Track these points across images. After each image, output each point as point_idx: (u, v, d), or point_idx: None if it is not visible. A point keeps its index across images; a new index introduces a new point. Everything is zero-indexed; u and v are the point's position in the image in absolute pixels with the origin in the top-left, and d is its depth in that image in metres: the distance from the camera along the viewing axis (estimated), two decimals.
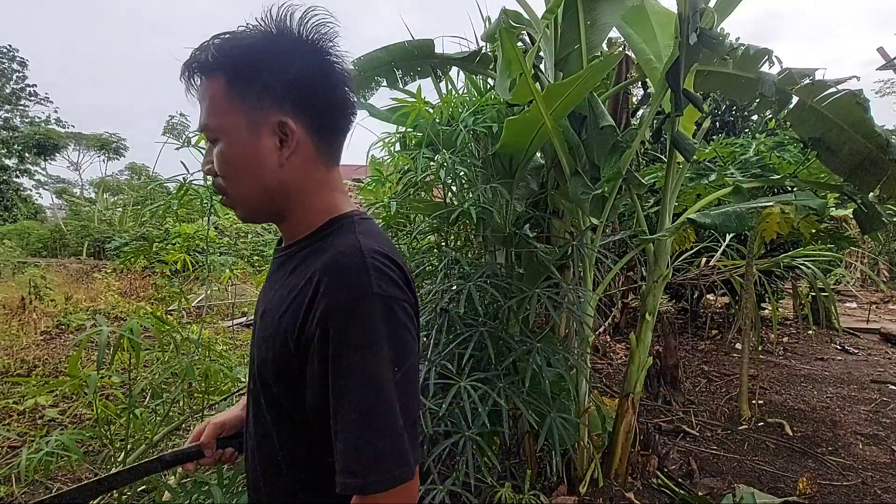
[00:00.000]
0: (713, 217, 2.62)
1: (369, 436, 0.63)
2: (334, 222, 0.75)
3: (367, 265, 0.67)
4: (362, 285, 0.65)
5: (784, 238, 3.47)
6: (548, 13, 2.31)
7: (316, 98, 0.71)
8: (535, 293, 2.12)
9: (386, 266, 0.68)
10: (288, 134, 0.70)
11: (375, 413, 0.63)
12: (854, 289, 9.51)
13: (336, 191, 0.78)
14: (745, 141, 3.86)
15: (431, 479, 1.92)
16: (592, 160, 2.46)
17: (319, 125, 0.73)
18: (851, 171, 2.51)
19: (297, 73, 0.69)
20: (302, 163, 0.72)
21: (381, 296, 0.66)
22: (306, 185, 0.74)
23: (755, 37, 65.12)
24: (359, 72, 2.86)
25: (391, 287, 0.67)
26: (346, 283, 0.66)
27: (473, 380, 1.99)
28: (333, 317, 0.65)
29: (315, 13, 0.70)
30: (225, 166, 0.72)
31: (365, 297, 0.65)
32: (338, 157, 0.78)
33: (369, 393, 0.64)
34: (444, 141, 2.30)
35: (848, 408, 3.99)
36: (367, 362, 0.64)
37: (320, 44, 0.71)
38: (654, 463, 2.80)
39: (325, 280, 0.66)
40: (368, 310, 0.65)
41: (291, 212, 0.76)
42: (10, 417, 3.41)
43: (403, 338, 0.67)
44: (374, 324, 0.65)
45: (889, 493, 2.71)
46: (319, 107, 0.72)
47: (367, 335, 0.64)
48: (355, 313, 0.65)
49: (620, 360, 5.09)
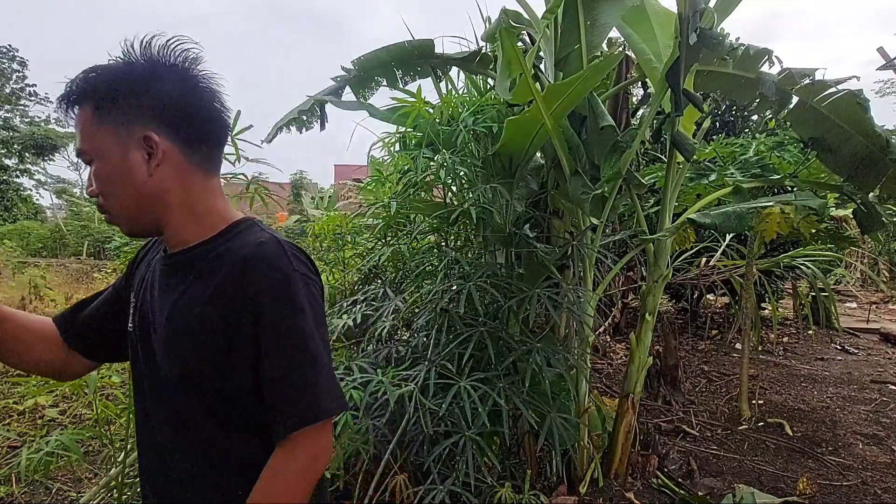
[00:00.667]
0: (713, 217, 2.63)
1: (314, 378, 0.79)
2: (238, 225, 0.86)
3: (287, 252, 0.81)
4: (286, 267, 0.79)
5: (784, 238, 3.47)
6: (548, 13, 2.31)
7: (180, 113, 0.79)
8: (535, 293, 2.12)
9: (300, 253, 0.84)
10: (153, 146, 0.77)
11: (314, 361, 0.79)
12: (854, 289, 9.50)
13: (219, 197, 0.87)
14: (745, 141, 3.86)
15: (431, 479, 1.92)
16: (592, 160, 2.46)
17: (187, 137, 0.81)
18: (851, 171, 2.51)
19: (157, 93, 0.77)
20: (173, 172, 0.80)
21: (300, 273, 0.81)
22: (181, 192, 0.82)
23: (755, 37, 65.18)
24: (359, 72, 2.86)
25: (304, 268, 0.83)
26: (273, 266, 0.79)
27: (473, 380, 1.99)
28: (265, 295, 0.77)
29: (178, 41, 0.79)
30: (101, 184, 0.79)
31: (290, 275, 0.79)
32: (215, 167, 0.87)
33: (308, 346, 0.79)
34: (444, 141, 2.30)
35: (848, 408, 3.99)
36: (301, 325, 0.79)
37: (181, 66, 0.80)
38: (654, 463, 2.80)
39: (251, 269, 0.78)
40: (294, 285, 0.79)
41: (171, 219, 0.83)
42: (10, 417, 3.41)
43: (317, 307, 0.83)
44: (300, 295, 0.79)
45: (889, 493, 2.71)
46: (185, 120, 0.80)
47: (297, 304, 0.79)
48: (285, 289, 0.79)
49: (620, 360, 5.09)
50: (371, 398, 2.03)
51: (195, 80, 0.81)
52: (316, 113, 2.94)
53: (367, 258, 3.05)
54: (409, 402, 1.95)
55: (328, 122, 2.99)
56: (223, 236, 0.84)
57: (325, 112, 2.95)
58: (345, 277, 3.17)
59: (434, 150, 2.35)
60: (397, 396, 1.93)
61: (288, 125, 2.94)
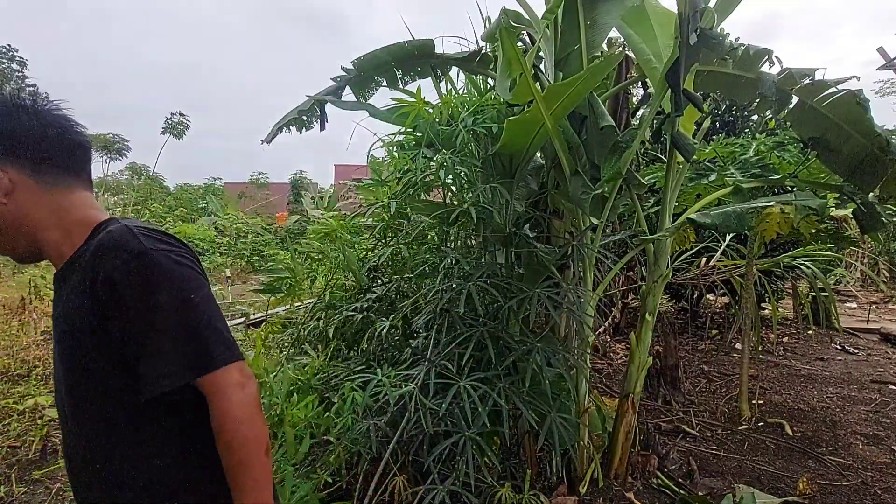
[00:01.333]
0: (713, 217, 2.62)
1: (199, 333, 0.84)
2: (99, 227, 0.92)
3: (135, 233, 0.86)
4: (135, 246, 0.84)
5: (784, 238, 3.47)
6: (548, 13, 2.31)
7: (25, 145, 0.88)
8: (535, 293, 2.12)
9: (153, 233, 0.89)
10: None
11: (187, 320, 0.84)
12: (854, 289, 9.50)
13: (84, 208, 0.94)
14: (745, 141, 3.86)
15: (431, 479, 1.92)
16: (592, 160, 2.46)
17: (35, 164, 0.89)
18: (851, 171, 2.51)
19: (2, 130, 0.87)
20: (27, 196, 0.89)
21: (154, 250, 0.85)
22: (44, 213, 0.90)
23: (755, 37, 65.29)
24: (359, 72, 2.86)
25: (160, 244, 0.87)
26: (121, 248, 0.83)
27: (473, 380, 1.99)
28: (118, 274, 0.82)
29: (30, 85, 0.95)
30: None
31: (142, 253, 0.83)
32: (75, 182, 0.95)
33: (178, 309, 0.84)
34: (443, 141, 2.30)
35: (848, 408, 3.99)
36: (165, 293, 0.83)
37: (30, 104, 0.90)
38: (654, 463, 2.80)
39: (101, 255, 0.84)
40: (145, 259, 0.83)
41: (44, 239, 0.92)
42: (10, 417, 3.40)
43: (188, 274, 0.87)
44: (158, 271, 0.83)
45: (889, 493, 2.71)
46: (31, 151, 0.89)
47: (153, 277, 0.83)
48: (136, 265, 0.82)
49: (620, 360, 5.09)
50: (371, 398, 2.03)
51: (44, 116, 0.91)
52: (316, 113, 2.94)
53: (368, 260, 3.06)
54: (410, 402, 1.96)
55: (328, 122, 2.99)
56: (88, 239, 0.91)
57: (325, 112, 2.95)
58: (345, 279, 3.17)
59: (434, 150, 2.35)
60: (397, 397, 1.93)
61: (288, 125, 2.94)
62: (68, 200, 0.93)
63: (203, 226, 12.60)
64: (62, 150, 0.93)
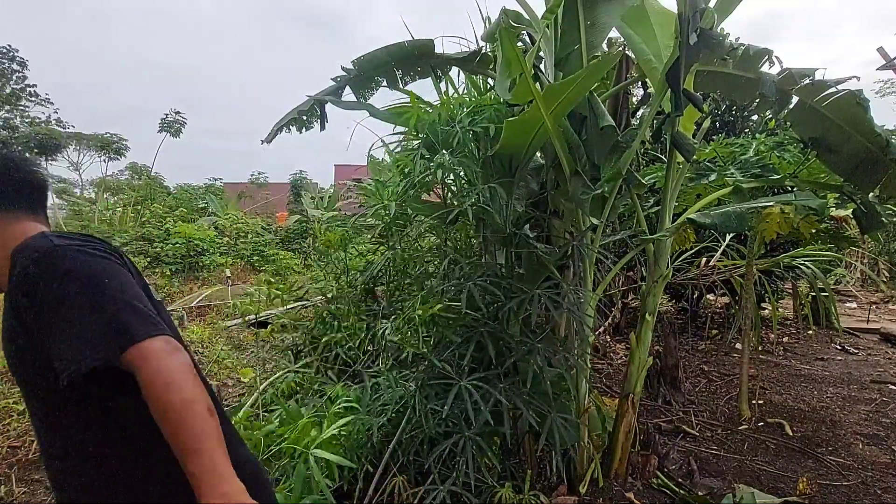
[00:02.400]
0: (713, 217, 2.62)
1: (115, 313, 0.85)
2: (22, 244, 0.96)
3: (46, 235, 0.93)
4: (43, 244, 0.90)
5: (784, 238, 3.47)
6: (548, 13, 2.31)
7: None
8: (535, 293, 2.12)
9: (67, 234, 0.94)
10: None
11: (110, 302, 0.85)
12: (854, 289, 9.50)
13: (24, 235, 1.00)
14: (745, 141, 3.86)
15: (432, 480, 1.92)
16: (592, 160, 2.46)
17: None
18: (851, 171, 2.51)
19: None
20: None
21: (62, 246, 0.89)
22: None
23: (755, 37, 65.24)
24: (359, 72, 2.86)
25: (72, 241, 0.92)
26: (33, 248, 0.89)
27: (474, 380, 1.99)
28: (28, 271, 0.86)
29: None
30: None
31: (49, 249, 0.88)
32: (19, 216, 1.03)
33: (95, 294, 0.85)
34: (442, 141, 2.30)
35: (848, 408, 3.99)
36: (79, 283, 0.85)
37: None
38: (654, 463, 2.80)
39: (17, 257, 0.90)
40: (56, 255, 0.88)
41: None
42: (10, 417, 3.40)
43: (102, 263, 0.90)
44: (67, 261, 0.87)
45: (889, 493, 2.71)
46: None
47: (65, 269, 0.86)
48: (46, 263, 0.87)
49: (620, 360, 5.09)
50: (371, 398, 2.03)
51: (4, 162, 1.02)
52: (316, 113, 2.94)
53: (368, 265, 3.06)
54: (409, 403, 1.96)
55: (328, 121, 2.99)
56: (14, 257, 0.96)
57: (325, 112, 2.95)
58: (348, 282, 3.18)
59: (433, 150, 2.35)
60: (398, 398, 1.93)
61: (288, 125, 2.94)
62: (13, 230, 1.01)
63: (203, 226, 12.59)
64: (10, 187, 1.03)
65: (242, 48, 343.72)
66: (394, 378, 2.12)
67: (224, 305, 8.02)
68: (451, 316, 2.12)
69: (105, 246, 0.96)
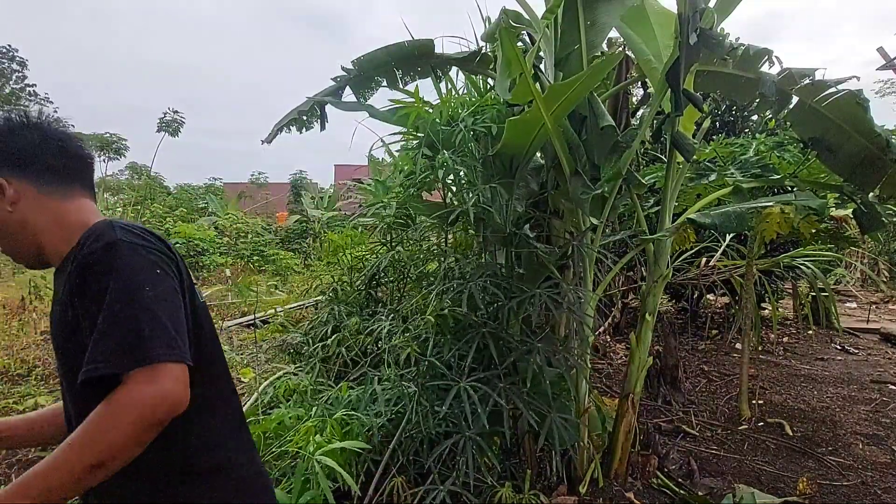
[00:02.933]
0: (713, 217, 2.62)
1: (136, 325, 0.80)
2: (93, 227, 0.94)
3: (113, 226, 0.89)
4: (108, 237, 0.87)
5: (784, 238, 3.47)
6: (548, 13, 2.31)
7: (28, 158, 0.96)
8: (535, 293, 2.12)
9: (131, 227, 0.90)
10: (4, 188, 0.94)
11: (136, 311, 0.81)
12: (854, 289, 9.50)
13: (83, 213, 1.00)
14: (745, 141, 3.86)
15: (431, 479, 1.92)
16: (592, 160, 2.46)
17: (37, 174, 0.97)
18: (851, 171, 2.51)
19: (9, 146, 0.95)
20: (31, 204, 0.96)
21: (124, 241, 0.86)
22: (45, 218, 0.97)
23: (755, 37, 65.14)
24: (359, 72, 2.86)
25: (135, 238, 0.88)
26: (95, 240, 0.87)
27: (474, 380, 1.99)
28: (86, 264, 0.85)
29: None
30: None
31: (111, 243, 0.85)
32: (71, 192, 1.00)
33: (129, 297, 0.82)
34: (443, 141, 2.30)
35: (848, 408, 3.99)
36: (121, 280, 0.83)
37: (38, 121, 0.99)
38: (654, 463, 2.80)
39: (82, 246, 0.88)
40: (115, 250, 0.85)
41: (44, 242, 0.98)
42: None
43: (152, 269, 0.87)
44: (121, 258, 0.84)
45: (889, 493, 2.71)
46: (34, 163, 0.97)
47: (116, 266, 0.84)
48: (104, 255, 0.85)
49: (620, 360, 5.09)
50: (370, 399, 2.03)
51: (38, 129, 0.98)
52: (316, 113, 2.94)
53: (369, 263, 3.06)
54: (410, 403, 1.96)
55: (328, 122, 2.99)
56: (78, 243, 0.95)
57: (325, 112, 2.95)
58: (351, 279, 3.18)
59: (434, 150, 2.35)
60: (395, 399, 1.93)
61: (288, 126, 2.94)
62: (67, 207, 0.99)
63: (203, 226, 12.59)
64: (62, 161, 1.00)
65: (243, 48, 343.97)
66: (394, 379, 2.12)
67: (224, 305, 8.02)
68: (453, 317, 2.12)
69: (161, 245, 0.93)
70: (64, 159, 1.01)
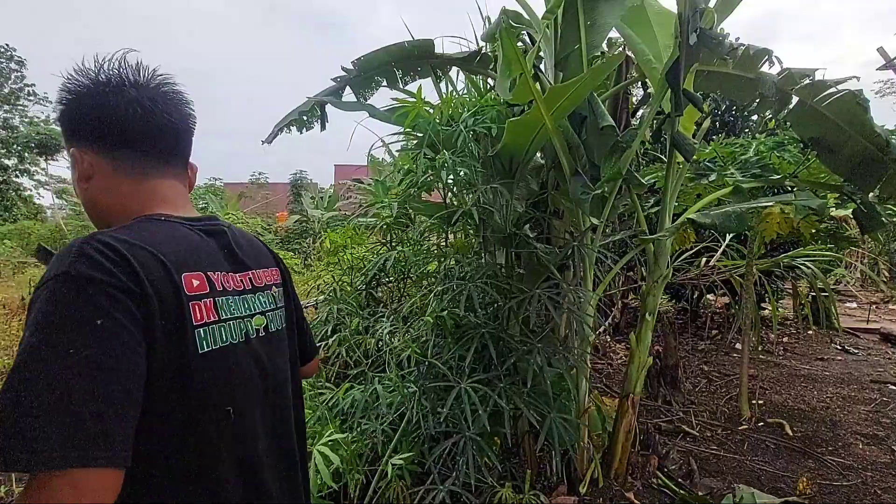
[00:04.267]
0: (713, 217, 2.62)
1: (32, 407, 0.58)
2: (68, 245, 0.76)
3: (77, 249, 0.67)
4: (60, 266, 0.65)
5: (784, 238, 3.47)
6: (548, 13, 2.31)
7: (103, 127, 0.81)
8: (535, 293, 2.12)
9: (98, 251, 0.67)
10: (77, 160, 0.82)
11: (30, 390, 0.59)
12: (854, 289, 9.50)
13: (152, 198, 0.84)
14: (745, 141, 3.86)
15: (432, 479, 1.93)
16: (592, 160, 2.46)
17: (112, 147, 0.82)
18: (851, 171, 2.51)
19: (84, 113, 0.81)
20: (103, 180, 0.83)
21: (71, 275, 0.64)
22: (114, 198, 0.83)
23: (755, 37, 65.11)
24: (359, 72, 2.86)
25: (91, 269, 0.65)
26: (50, 266, 0.67)
27: (474, 381, 1.99)
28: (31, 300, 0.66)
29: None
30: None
31: (56, 277, 0.64)
32: (148, 172, 0.85)
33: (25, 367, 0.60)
34: (444, 142, 2.30)
35: (848, 408, 3.99)
36: (36, 339, 0.61)
37: (115, 81, 0.82)
38: (654, 463, 2.80)
39: None
40: (55, 289, 0.64)
41: (113, 222, 0.83)
42: None
43: (91, 319, 0.63)
44: (55, 302, 0.63)
45: (889, 493, 2.71)
46: (109, 133, 0.81)
47: (44, 313, 0.63)
48: (42, 293, 0.64)
49: (620, 360, 5.09)
50: (372, 403, 2.03)
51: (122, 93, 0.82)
52: (316, 113, 2.94)
53: (369, 263, 3.06)
54: (409, 406, 1.96)
55: (328, 122, 2.99)
56: None
57: (325, 112, 2.95)
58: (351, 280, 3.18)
59: (434, 150, 2.35)
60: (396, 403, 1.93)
61: (288, 126, 2.94)
62: (140, 188, 0.84)
63: None
64: (136, 136, 0.83)
65: (243, 48, 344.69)
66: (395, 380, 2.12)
67: None
68: (452, 318, 2.12)
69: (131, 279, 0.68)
70: (147, 132, 0.84)
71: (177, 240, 0.78)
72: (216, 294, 0.78)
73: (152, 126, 0.84)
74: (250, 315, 0.84)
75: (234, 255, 0.87)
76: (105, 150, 0.82)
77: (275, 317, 0.90)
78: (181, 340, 0.71)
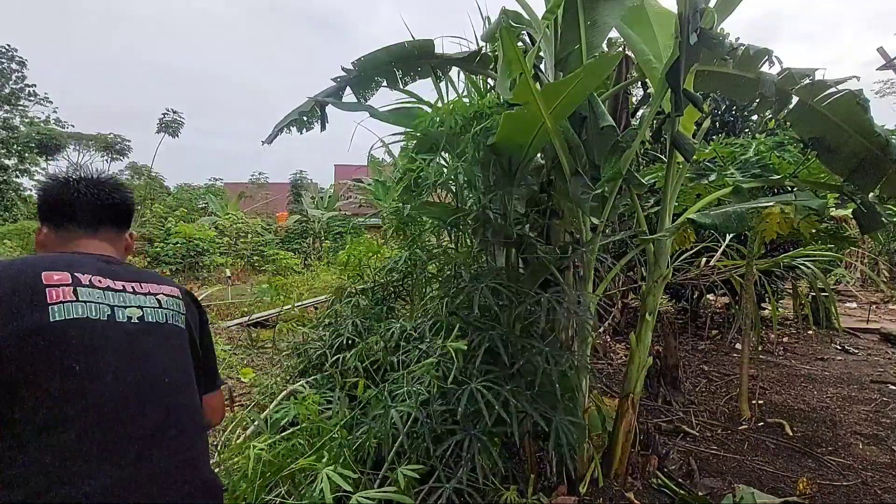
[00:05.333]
0: (713, 217, 2.63)
1: None
2: None
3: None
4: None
5: (784, 238, 3.47)
6: (548, 13, 2.31)
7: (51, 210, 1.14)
8: (543, 297, 2.12)
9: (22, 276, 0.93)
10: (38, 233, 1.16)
11: None
12: (854, 289, 9.50)
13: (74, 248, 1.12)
14: (745, 141, 3.86)
15: (436, 478, 1.93)
16: (592, 160, 2.46)
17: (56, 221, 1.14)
18: (851, 171, 2.51)
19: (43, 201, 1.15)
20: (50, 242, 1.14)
21: None
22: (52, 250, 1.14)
23: (755, 37, 64.94)
24: (359, 72, 2.86)
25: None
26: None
27: (483, 381, 2.00)
28: None
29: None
30: None
31: None
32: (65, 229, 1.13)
33: None
34: (446, 145, 2.30)
35: (848, 408, 3.99)
36: None
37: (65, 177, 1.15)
38: (654, 463, 2.80)
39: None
40: None
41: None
42: None
43: None
44: None
45: (889, 493, 2.71)
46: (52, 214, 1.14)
47: None
48: None
49: (620, 360, 5.09)
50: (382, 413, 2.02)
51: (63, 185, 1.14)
52: (316, 113, 2.94)
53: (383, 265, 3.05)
54: (416, 406, 1.95)
55: (328, 122, 3.00)
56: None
57: (325, 113, 2.95)
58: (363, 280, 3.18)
59: (434, 151, 2.35)
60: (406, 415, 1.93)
61: (288, 126, 2.94)
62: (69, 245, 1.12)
63: (203, 226, 12.59)
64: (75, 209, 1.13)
65: (244, 48, 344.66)
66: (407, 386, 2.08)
67: (224, 306, 8.01)
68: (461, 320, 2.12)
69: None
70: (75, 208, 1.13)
71: (60, 258, 1.04)
72: (79, 284, 0.98)
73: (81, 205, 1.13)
74: (123, 306, 1.03)
75: (115, 271, 1.08)
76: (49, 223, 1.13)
77: (155, 313, 1.09)
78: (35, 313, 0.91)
